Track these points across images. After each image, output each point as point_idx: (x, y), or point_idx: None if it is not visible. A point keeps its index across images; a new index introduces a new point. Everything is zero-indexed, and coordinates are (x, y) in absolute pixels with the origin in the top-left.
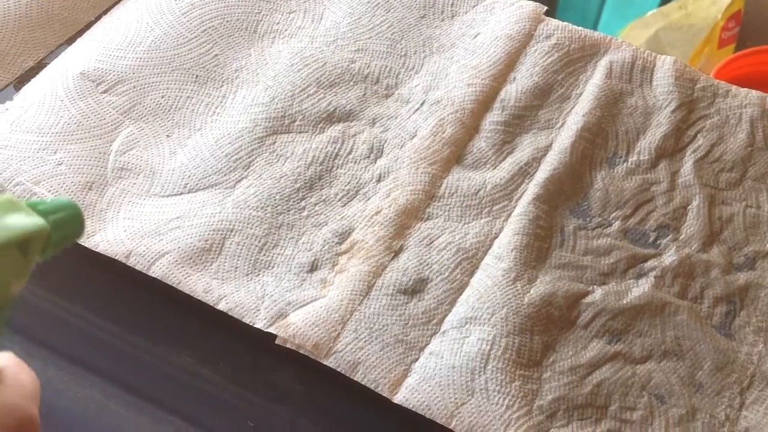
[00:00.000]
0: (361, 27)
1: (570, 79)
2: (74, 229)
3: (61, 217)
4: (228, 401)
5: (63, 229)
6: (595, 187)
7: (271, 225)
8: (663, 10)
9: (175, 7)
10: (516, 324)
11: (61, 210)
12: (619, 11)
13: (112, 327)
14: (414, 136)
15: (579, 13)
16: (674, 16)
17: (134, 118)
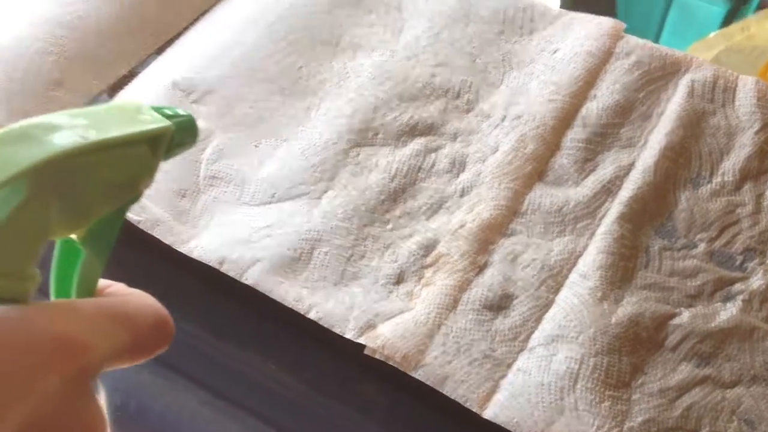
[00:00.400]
0: (440, 41)
1: (651, 98)
2: (192, 134)
3: (182, 120)
4: (313, 410)
5: (183, 132)
6: (679, 207)
7: (357, 236)
8: (725, 32)
9: (261, 20)
10: (604, 344)
11: (181, 116)
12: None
13: (201, 333)
14: (496, 151)
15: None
16: (736, 38)
17: (223, 128)
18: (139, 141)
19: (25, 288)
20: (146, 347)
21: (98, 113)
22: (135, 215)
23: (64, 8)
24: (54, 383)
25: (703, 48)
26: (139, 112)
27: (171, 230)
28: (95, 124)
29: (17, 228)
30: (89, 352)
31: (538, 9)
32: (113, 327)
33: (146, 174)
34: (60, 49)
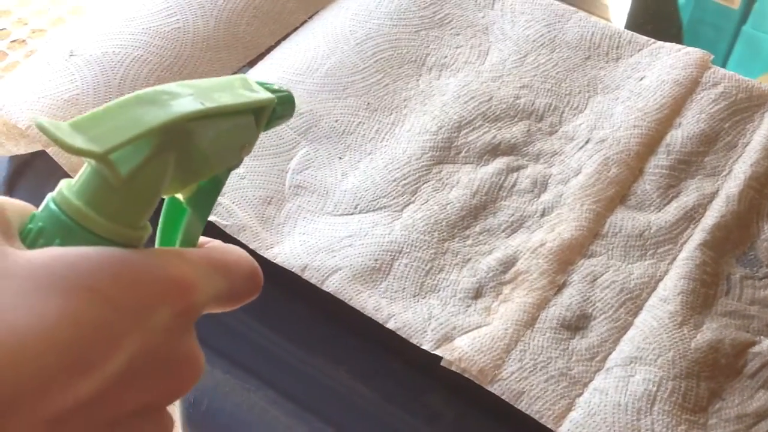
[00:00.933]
0: (526, 65)
1: (737, 128)
2: (290, 108)
3: (283, 95)
4: (381, 418)
5: (283, 106)
6: (762, 237)
7: (438, 250)
8: None
9: (350, 38)
10: (683, 368)
11: (282, 91)
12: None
13: (276, 337)
14: (578, 174)
15: None
16: None
17: (310, 139)
18: (246, 111)
19: (140, 236)
20: (240, 294)
21: (212, 85)
22: (222, 219)
23: (164, 20)
24: (165, 317)
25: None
26: (245, 85)
27: (256, 236)
28: (210, 94)
29: (139, 182)
30: (195, 292)
31: (625, 36)
32: (214, 273)
33: (249, 142)
34: (157, 59)
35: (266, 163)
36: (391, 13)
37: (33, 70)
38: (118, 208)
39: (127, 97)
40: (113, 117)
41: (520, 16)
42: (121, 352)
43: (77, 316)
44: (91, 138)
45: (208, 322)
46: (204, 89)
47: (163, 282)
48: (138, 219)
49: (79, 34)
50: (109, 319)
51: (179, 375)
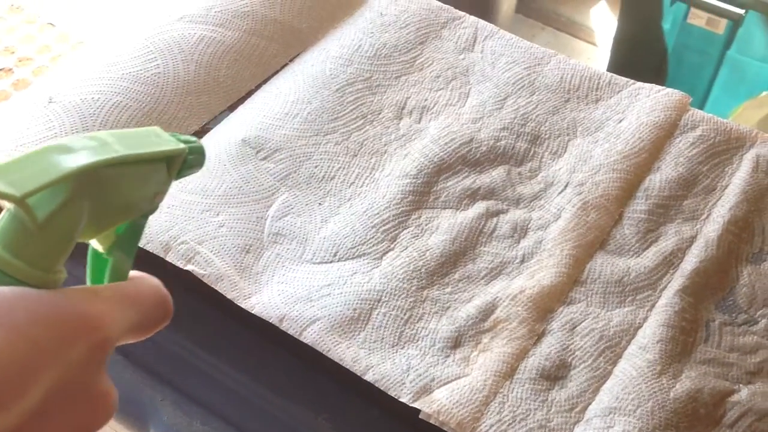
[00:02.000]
0: (506, 107)
1: (715, 171)
2: (201, 158)
3: (194, 145)
4: None
5: (194, 156)
6: (741, 282)
7: (417, 298)
8: None
9: (331, 82)
10: (662, 419)
11: (193, 142)
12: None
13: (254, 385)
14: (558, 219)
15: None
16: None
17: (289, 185)
18: (159, 159)
19: (56, 279)
20: (150, 324)
21: (128, 134)
22: (200, 269)
23: (144, 65)
24: (80, 352)
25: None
26: (159, 135)
27: (234, 285)
28: (125, 142)
29: (55, 226)
30: (107, 327)
31: (605, 78)
32: (126, 306)
33: (162, 189)
34: (137, 104)
35: (245, 210)
36: (371, 57)
37: (12, 117)
38: (34, 252)
39: (48, 144)
40: (33, 162)
41: (500, 58)
42: (38, 387)
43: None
44: (10, 182)
45: (186, 369)
46: (120, 138)
47: (76, 319)
48: (54, 263)
49: (58, 80)
50: (26, 355)
51: (93, 410)
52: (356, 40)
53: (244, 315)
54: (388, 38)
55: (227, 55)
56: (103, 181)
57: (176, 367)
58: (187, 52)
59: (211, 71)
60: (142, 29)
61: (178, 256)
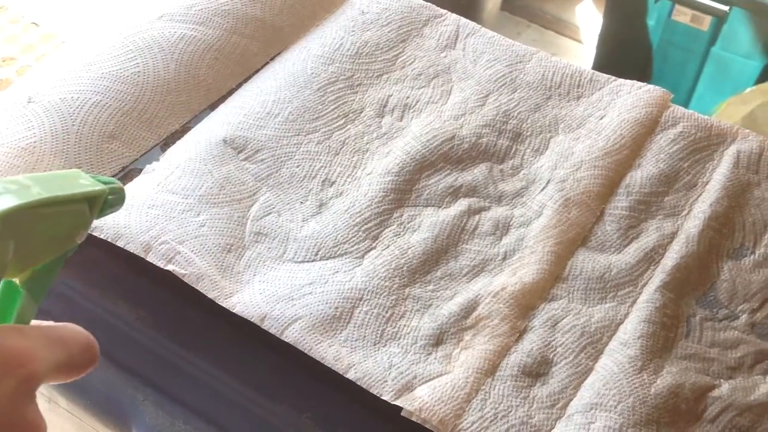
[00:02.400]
0: (488, 104)
1: (696, 167)
2: (121, 199)
3: (114, 187)
4: None
5: (115, 196)
6: (722, 277)
7: (399, 296)
8: (762, 88)
9: (312, 81)
10: (643, 414)
11: (113, 183)
12: (715, 85)
13: (236, 384)
14: (540, 216)
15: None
16: None
17: (271, 185)
18: (80, 200)
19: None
20: (78, 365)
21: (50, 177)
22: (181, 269)
23: (124, 64)
24: (6, 386)
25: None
26: (80, 177)
27: (215, 285)
28: (48, 185)
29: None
30: (35, 362)
31: (586, 75)
32: (52, 345)
33: (83, 227)
34: (117, 103)
35: (226, 210)
36: (353, 56)
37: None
38: None
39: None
40: None
41: (482, 55)
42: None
43: None
44: None
45: (168, 369)
46: (41, 181)
47: (3, 354)
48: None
49: (38, 80)
50: None
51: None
52: (338, 39)
53: (226, 314)
54: (369, 36)
55: (208, 53)
56: (28, 221)
57: (158, 367)
58: (168, 50)
59: (191, 70)
60: (121, 28)
61: (159, 256)
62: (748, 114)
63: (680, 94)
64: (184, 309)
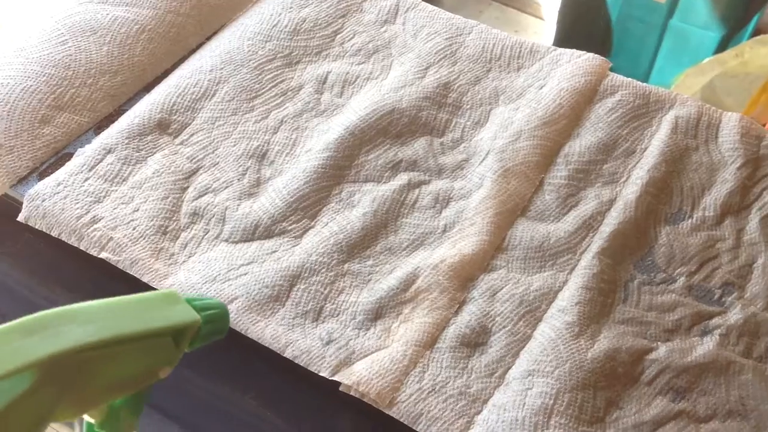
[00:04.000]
0: (428, 77)
1: (635, 134)
2: (222, 326)
3: (212, 313)
4: None
5: (212, 324)
6: (659, 242)
7: (337, 272)
8: (719, 58)
9: (249, 60)
10: (579, 379)
11: (213, 308)
12: (674, 57)
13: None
14: (479, 187)
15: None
16: (731, 64)
17: (207, 166)
18: (161, 333)
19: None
20: None
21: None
22: (114, 255)
23: (56, 48)
24: None
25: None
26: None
27: (149, 268)
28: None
29: (17, 413)
30: None
31: (526, 46)
32: None
33: (166, 363)
34: (48, 88)
35: (160, 193)
36: (291, 33)
37: None
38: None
39: (10, 324)
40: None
41: (422, 29)
42: None
43: None
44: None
45: None
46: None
47: None
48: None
49: None
50: None
51: None
52: (275, 16)
53: None
54: (307, 13)
55: (142, 34)
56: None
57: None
58: (100, 33)
59: (125, 51)
60: (53, 12)
61: (92, 244)
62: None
63: (641, 66)
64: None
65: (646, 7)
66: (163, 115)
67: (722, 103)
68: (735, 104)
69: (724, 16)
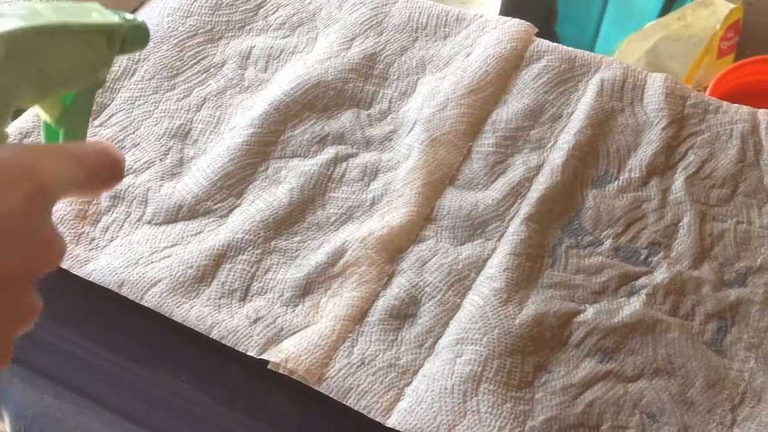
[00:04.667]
0: (354, 48)
1: (561, 99)
2: (145, 34)
3: (136, 21)
4: (224, 426)
5: (136, 31)
6: (586, 205)
7: (264, 250)
8: (662, 22)
9: (169, 37)
10: (507, 345)
11: (134, 20)
12: (619, 23)
13: (107, 354)
14: (407, 158)
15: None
16: (673, 27)
17: (128, 146)
18: (96, 31)
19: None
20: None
21: (62, 6)
22: None
23: None
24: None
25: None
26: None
27: (68, 254)
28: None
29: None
30: (46, 176)
31: (452, 14)
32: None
33: (102, 62)
34: None
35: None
36: (212, 7)
37: None
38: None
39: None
40: None
41: (347, 0)
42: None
43: None
44: None
45: (34, 343)
46: (55, 9)
47: (13, 167)
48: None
49: None
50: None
51: (41, 254)
52: None
53: (85, 283)
54: None
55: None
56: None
57: (24, 342)
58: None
59: None
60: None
61: None
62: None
63: (586, 33)
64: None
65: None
66: None
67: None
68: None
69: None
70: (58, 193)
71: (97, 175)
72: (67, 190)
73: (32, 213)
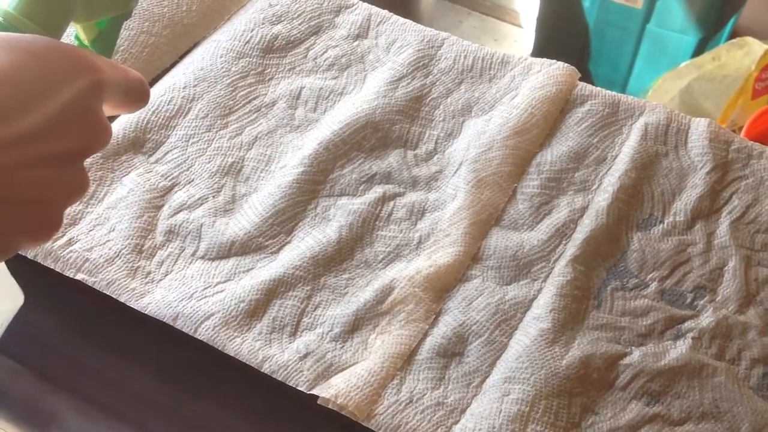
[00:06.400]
0: (401, 89)
1: (606, 142)
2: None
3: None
4: None
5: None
6: (631, 248)
7: (314, 287)
8: (696, 62)
9: (222, 78)
10: (555, 386)
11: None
12: (652, 62)
13: (161, 386)
14: (454, 198)
15: (611, 64)
16: (708, 68)
17: (182, 183)
18: None
19: None
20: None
21: None
22: (90, 276)
23: None
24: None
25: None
26: None
27: (125, 288)
28: None
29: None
30: (101, 72)
31: (497, 56)
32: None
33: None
34: None
35: (134, 212)
36: (263, 50)
37: None
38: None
39: None
40: None
41: (394, 43)
42: (53, 101)
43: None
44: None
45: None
46: None
47: (81, 59)
48: (57, 28)
49: None
50: (44, 74)
51: (93, 134)
52: (247, 32)
53: (143, 316)
54: (279, 30)
55: (115, 55)
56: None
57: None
58: None
59: None
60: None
61: (68, 265)
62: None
63: (619, 72)
64: (101, 312)
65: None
66: (138, 134)
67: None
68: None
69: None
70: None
71: (133, 90)
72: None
73: (94, 99)
